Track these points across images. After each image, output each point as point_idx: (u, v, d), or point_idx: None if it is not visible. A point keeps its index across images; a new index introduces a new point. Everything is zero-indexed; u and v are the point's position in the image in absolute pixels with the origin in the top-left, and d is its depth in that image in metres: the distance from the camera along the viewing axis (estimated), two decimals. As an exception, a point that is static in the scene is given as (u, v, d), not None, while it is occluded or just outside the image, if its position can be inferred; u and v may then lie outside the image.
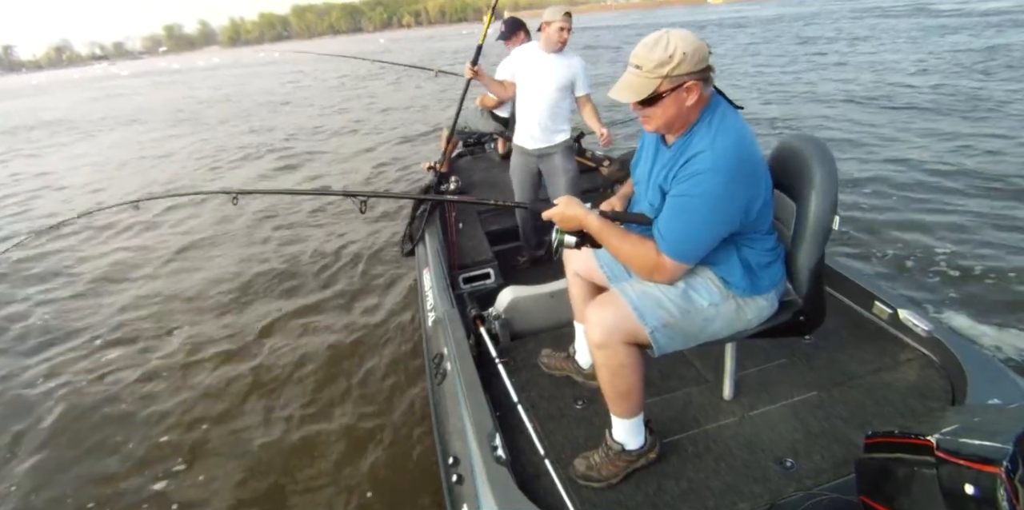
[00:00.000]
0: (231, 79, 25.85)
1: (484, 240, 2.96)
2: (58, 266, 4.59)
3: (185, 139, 10.43)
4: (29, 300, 4.00)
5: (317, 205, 5.32)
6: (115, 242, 5.09)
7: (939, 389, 1.69)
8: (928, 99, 7.65)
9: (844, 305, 2.13)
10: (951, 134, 5.97)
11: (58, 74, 79.59)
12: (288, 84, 19.64)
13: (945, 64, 10.23)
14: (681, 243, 1.32)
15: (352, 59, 7.57)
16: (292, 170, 7.34)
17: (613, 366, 1.39)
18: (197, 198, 5.80)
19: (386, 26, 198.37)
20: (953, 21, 17.57)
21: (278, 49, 75.81)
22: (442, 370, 1.88)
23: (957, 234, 3.73)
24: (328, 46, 55.67)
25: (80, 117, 15.92)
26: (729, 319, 1.46)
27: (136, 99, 20.54)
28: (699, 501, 1.41)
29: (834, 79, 9.92)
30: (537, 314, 2.20)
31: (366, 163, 7.22)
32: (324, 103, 13.58)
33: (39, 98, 26.77)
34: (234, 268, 4.21)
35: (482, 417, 1.56)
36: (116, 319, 3.57)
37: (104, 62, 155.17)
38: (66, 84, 39.35)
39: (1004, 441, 0.96)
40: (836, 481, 1.42)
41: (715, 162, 1.25)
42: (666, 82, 1.25)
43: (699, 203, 1.28)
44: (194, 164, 8.27)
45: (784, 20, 25.73)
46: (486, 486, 1.35)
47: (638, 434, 1.49)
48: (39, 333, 3.51)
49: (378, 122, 10.27)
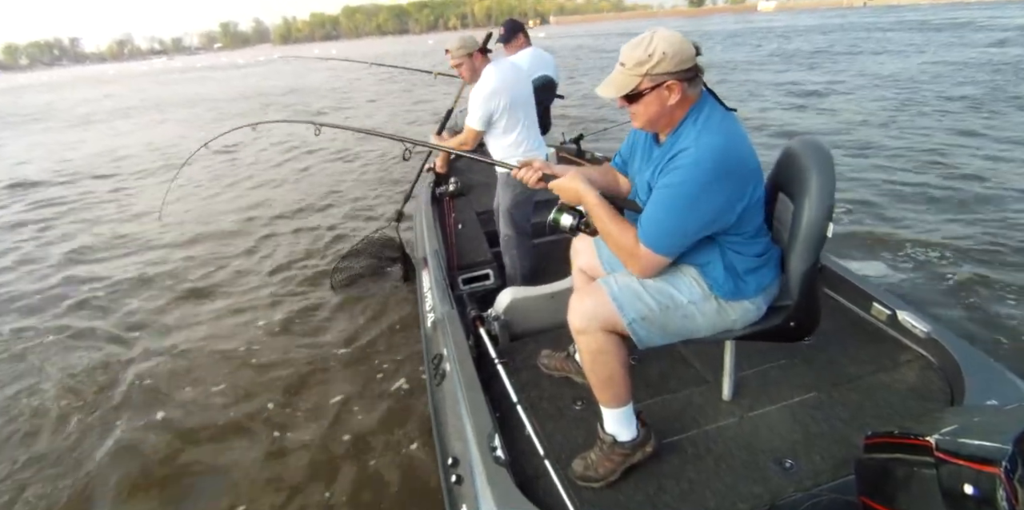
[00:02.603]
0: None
1: (483, 241, 2.96)
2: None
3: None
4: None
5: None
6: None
7: (938, 390, 1.70)
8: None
9: (843, 306, 2.13)
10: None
11: (123, 67, 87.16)
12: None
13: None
14: (656, 232, 1.35)
15: (353, 63, 8.01)
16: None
17: (593, 351, 1.44)
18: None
19: (432, 28, 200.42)
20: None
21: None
22: (441, 371, 1.88)
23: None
24: (375, 47, 60.97)
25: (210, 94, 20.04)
26: (711, 318, 1.47)
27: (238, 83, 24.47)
28: (699, 502, 1.41)
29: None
30: (536, 315, 2.20)
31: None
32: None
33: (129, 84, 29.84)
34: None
35: (481, 418, 1.56)
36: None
37: (163, 57, 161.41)
38: (138, 75, 43.33)
39: (1003, 441, 0.96)
40: (835, 482, 1.42)
41: (697, 157, 1.28)
42: (646, 80, 1.30)
43: (676, 193, 1.30)
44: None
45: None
46: (485, 487, 1.35)
47: (628, 424, 1.50)
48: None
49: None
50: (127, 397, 2.74)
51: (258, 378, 2.83)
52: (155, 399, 2.72)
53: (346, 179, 6.81)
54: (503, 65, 2.58)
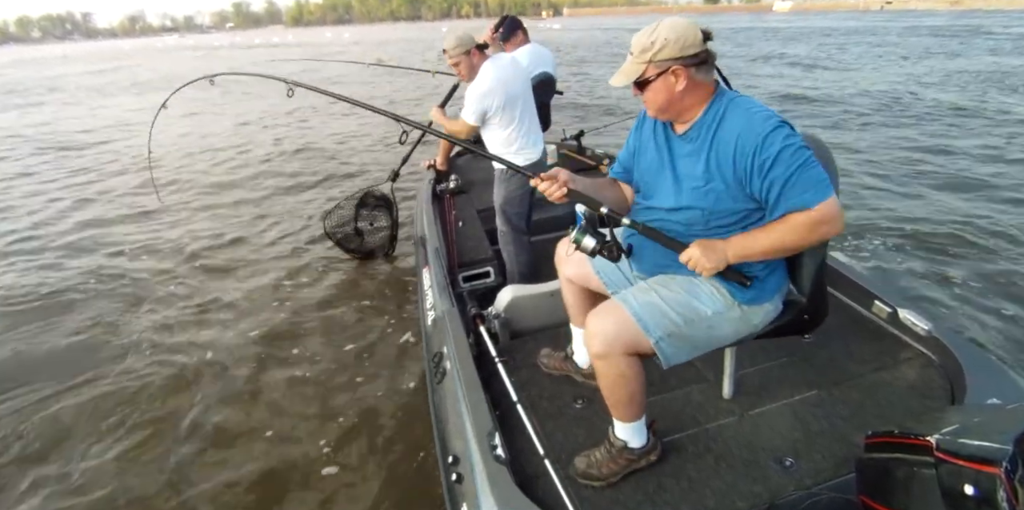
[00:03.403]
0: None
1: (484, 238, 2.96)
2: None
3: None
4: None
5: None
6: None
7: (939, 388, 1.69)
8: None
9: (844, 304, 2.13)
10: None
11: (137, 42, 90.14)
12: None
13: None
14: (813, 186, 1.25)
15: (353, 63, 8.18)
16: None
17: (613, 376, 1.39)
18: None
19: (445, 15, 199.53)
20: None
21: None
22: (442, 369, 1.88)
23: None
24: (388, 32, 62.53)
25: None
26: (735, 326, 1.45)
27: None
28: (699, 500, 1.41)
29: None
30: (537, 313, 2.20)
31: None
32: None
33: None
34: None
35: (481, 416, 1.56)
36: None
37: (175, 34, 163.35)
38: (160, 51, 45.43)
39: (1003, 441, 0.96)
40: (836, 480, 1.42)
41: (766, 120, 1.27)
42: (651, 67, 1.30)
43: (791, 152, 1.24)
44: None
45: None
46: (485, 485, 1.35)
47: (640, 435, 1.49)
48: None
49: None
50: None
51: (257, 378, 2.84)
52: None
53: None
54: (501, 62, 2.56)
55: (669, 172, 1.43)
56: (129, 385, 2.76)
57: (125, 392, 2.71)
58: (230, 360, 2.97)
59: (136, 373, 2.86)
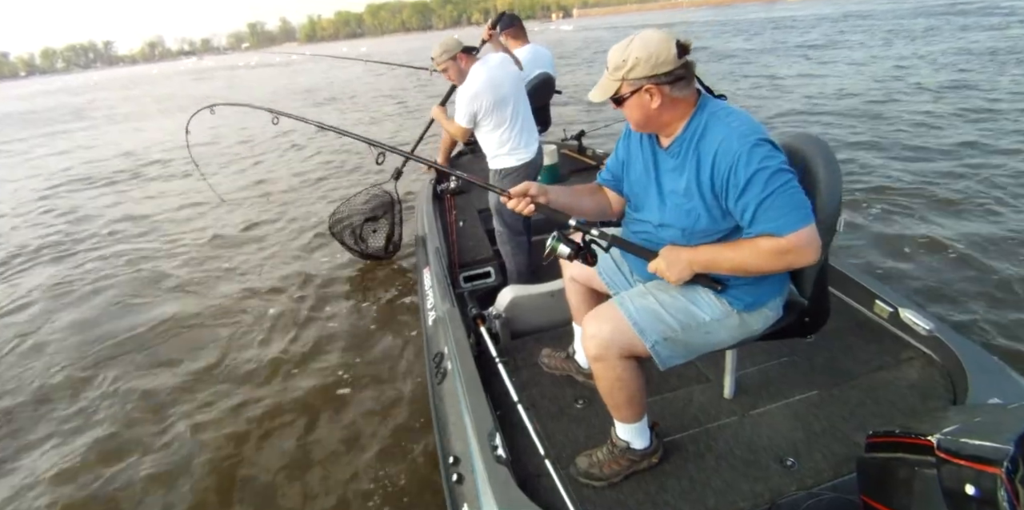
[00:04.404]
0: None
1: (485, 239, 2.96)
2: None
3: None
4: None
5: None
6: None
7: (940, 388, 1.69)
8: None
9: (845, 304, 2.12)
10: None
11: (162, 66, 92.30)
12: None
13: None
14: (789, 211, 1.22)
15: (354, 60, 8.42)
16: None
17: (610, 379, 1.39)
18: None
19: (456, 23, 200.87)
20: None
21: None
22: (442, 369, 1.88)
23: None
24: (399, 44, 64.20)
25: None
26: (733, 332, 1.44)
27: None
28: (700, 500, 1.41)
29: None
30: (537, 313, 2.19)
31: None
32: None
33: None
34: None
35: (482, 416, 1.56)
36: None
37: (192, 57, 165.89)
38: (182, 73, 46.59)
39: (1005, 441, 0.95)
40: (837, 480, 1.42)
41: (743, 138, 1.23)
42: (625, 85, 1.28)
43: (769, 173, 1.21)
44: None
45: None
46: (486, 485, 1.35)
47: (643, 436, 1.49)
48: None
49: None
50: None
51: (253, 378, 2.84)
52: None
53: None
54: (491, 63, 2.58)
55: (655, 187, 1.42)
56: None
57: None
58: (229, 359, 2.98)
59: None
